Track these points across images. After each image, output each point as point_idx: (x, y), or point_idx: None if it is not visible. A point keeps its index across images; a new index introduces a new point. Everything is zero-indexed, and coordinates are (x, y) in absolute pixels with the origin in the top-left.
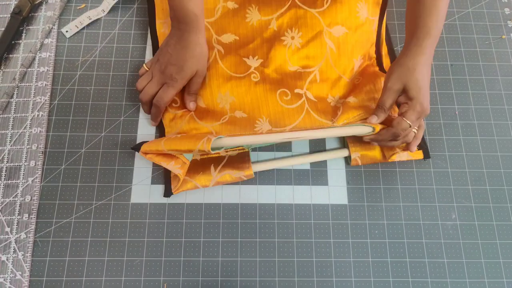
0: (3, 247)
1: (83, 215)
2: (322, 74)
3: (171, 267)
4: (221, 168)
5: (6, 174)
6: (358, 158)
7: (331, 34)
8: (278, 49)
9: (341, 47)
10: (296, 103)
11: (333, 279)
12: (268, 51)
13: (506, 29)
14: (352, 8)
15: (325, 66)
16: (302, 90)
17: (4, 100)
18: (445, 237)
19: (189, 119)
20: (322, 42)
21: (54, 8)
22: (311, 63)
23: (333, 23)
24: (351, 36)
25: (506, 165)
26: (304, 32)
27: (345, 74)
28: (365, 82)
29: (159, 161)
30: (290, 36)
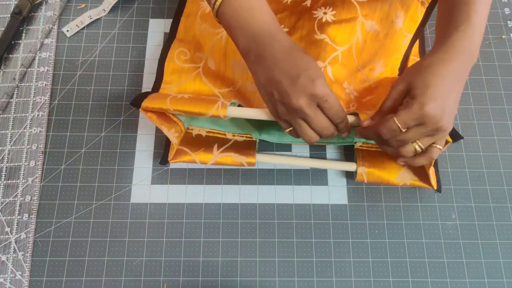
0: (3, 247)
1: (83, 215)
2: (343, 58)
3: (171, 267)
4: (225, 149)
5: (6, 174)
6: (365, 174)
7: (364, 25)
8: (307, 19)
9: (367, 43)
10: None
11: (333, 279)
12: (296, 21)
13: (506, 29)
14: (391, 12)
15: (348, 52)
16: (324, 63)
17: (4, 100)
18: (445, 237)
19: (195, 76)
20: (353, 28)
21: (54, 8)
22: (338, 39)
23: (369, 17)
24: (380, 39)
25: (506, 165)
26: (338, 11)
27: (363, 70)
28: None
29: (160, 124)
30: (322, 11)
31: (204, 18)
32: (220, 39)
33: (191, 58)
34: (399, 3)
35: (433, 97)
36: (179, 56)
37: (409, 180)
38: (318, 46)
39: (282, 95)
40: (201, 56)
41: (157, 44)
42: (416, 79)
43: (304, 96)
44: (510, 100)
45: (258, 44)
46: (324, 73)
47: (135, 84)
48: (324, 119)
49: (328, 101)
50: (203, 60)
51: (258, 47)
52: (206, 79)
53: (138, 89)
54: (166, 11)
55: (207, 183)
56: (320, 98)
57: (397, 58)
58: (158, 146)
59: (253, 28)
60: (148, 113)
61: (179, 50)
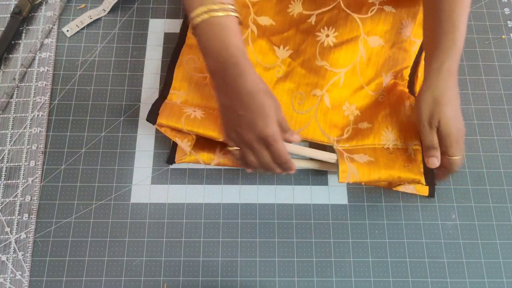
0: (3, 247)
1: (83, 215)
2: (346, 80)
3: (171, 267)
4: (226, 151)
5: (6, 174)
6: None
7: (367, 42)
8: (311, 42)
9: (372, 59)
10: (306, 109)
11: (333, 279)
12: (300, 43)
13: (506, 29)
14: (396, 23)
15: (351, 72)
16: (321, 92)
17: (4, 100)
18: (445, 237)
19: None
20: (355, 47)
21: (54, 8)
22: (340, 63)
23: (372, 33)
24: (386, 50)
25: (506, 165)
26: (340, 32)
27: (368, 86)
28: (387, 103)
29: (174, 137)
30: (325, 33)
31: None
32: None
33: (200, 66)
34: (404, 12)
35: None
36: (189, 63)
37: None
38: (317, 74)
39: (238, 125)
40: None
41: (157, 44)
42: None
43: (255, 134)
44: (510, 100)
45: (224, 72)
46: (320, 101)
47: (135, 84)
48: (267, 156)
49: (274, 146)
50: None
51: (224, 74)
52: (213, 91)
53: (138, 89)
54: (166, 11)
55: (207, 183)
56: (268, 142)
57: (408, 64)
58: (158, 146)
59: (223, 58)
60: (162, 129)
61: (188, 57)
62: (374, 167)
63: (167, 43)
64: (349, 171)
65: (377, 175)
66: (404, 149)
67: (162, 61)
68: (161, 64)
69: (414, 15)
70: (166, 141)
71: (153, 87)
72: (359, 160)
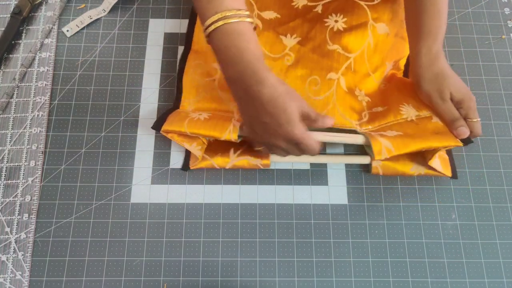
0: (3, 247)
1: (83, 215)
2: (356, 64)
3: (171, 267)
4: (240, 153)
5: (6, 174)
6: (380, 167)
7: (375, 29)
8: (319, 29)
9: (379, 46)
10: (324, 94)
11: (333, 279)
12: (308, 31)
13: (506, 29)
14: (401, 10)
15: (360, 58)
16: (337, 75)
17: (4, 100)
18: (445, 237)
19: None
20: (364, 33)
21: (54, 8)
22: (351, 47)
23: (379, 20)
24: (390, 39)
25: (506, 165)
26: (349, 18)
27: (374, 73)
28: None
29: (181, 142)
30: (333, 19)
31: None
32: None
33: (207, 70)
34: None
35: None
36: (196, 70)
37: (424, 170)
38: (330, 58)
39: (265, 132)
40: (217, 66)
41: (157, 44)
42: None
43: (284, 139)
44: (510, 100)
45: (244, 81)
46: (337, 85)
47: (135, 84)
48: (296, 151)
49: (303, 144)
50: (219, 71)
51: (244, 84)
52: (222, 93)
53: (138, 89)
54: (166, 11)
55: (207, 183)
56: (297, 141)
57: (404, 55)
58: (158, 146)
59: (240, 66)
60: (169, 134)
61: (195, 63)
62: (407, 139)
63: (167, 43)
64: (383, 146)
65: (413, 145)
66: (428, 117)
67: (162, 61)
68: (161, 64)
69: None
70: (166, 141)
71: (153, 87)
72: (390, 135)
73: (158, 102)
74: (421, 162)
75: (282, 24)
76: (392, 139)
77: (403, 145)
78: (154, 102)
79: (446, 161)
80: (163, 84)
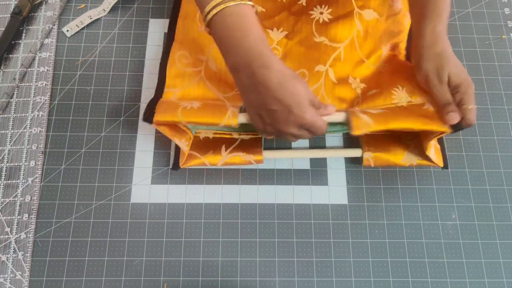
0: (3, 247)
1: (83, 215)
2: (346, 54)
3: (171, 267)
4: (232, 149)
5: (6, 174)
6: (371, 158)
7: (362, 16)
8: (305, 21)
9: (369, 31)
10: (312, 87)
11: (333, 279)
12: (294, 23)
13: (506, 29)
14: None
15: (350, 46)
16: (325, 67)
17: (4, 100)
18: (445, 237)
19: (199, 81)
20: (351, 22)
21: (54, 8)
22: (338, 37)
23: (365, 6)
24: (381, 23)
25: (506, 165)
26: (334, 9)
27: (368, 59)
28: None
29: (172, 136)
30: (318, 11)
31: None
32: None
33: (193, 61)
34: None
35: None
36: (181, 60)
37: (415, 161)
38: (318, 50)
39: (275, 120)
40: (202, 58)
41: (157, 44)
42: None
43: (296, 125)
44: (510, 100)
45: (250, 67)
46: (325, 77)
47: (135, 84)
48: (307, 134)
49: (315, 126)
50: (204, 62)
51: (250, 69)
52: (209, 83)
53: (138, 89)
54: (166, 11)
55: (207, 183)
56: (308, 125)
57: (403, 38)
58: (158, 146)
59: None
60: (161, 127)
61: (179, 53)
62: (389, 115)
63: None
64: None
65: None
66: (420, 105)
67: None
68: None
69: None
70: (166, 141)
71: (153, 87)
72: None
73: None
74: (413, 152)
75: (267, 18)
76: (373, 115)
77: (384, 121)
78: None
79: (438, 150)
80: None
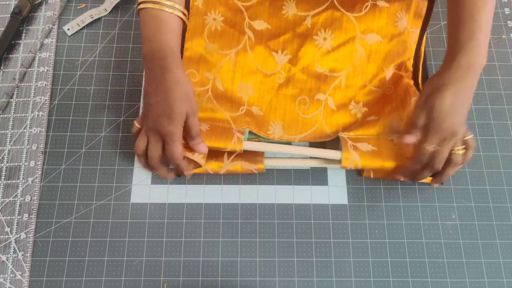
0: (3, 247)
1: (83, 215)
2: (348, 80)
3: (171, 267)
4: (234, 158)
5: (6, 174)
6: (371, 170)
7: (364, 41)
8: (309, 48)
9: (372, 55)
10: (312, 114)
11: (333, 279)
12: (298, 48)
13: (506, 29)
14: (391, 17)
15: (352, 72)
16: (324, 96)
17: (4, 100)
18: (445, 237)
19: (207, 100)
20: (353, 48)
21: (54, 8)
22: (339, 67)
23: (368, 30)
24: (384, 45)
25: (506, 165)
26: (337, 35)
27: (371, 83)
28: (394, 97)
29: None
30: (322, 37)
31: (212, 38)
32: (228, 61)
33: (200, 80)
34: (397, 6)
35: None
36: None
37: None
38: (318, 80)
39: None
40: (209, 76)
41: None
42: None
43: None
44: (510, 100)
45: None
46: (325, 105)
47: (135, 84)
48: (157, 151)
49: (170, 145)
50: (211, 81)
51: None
52: (217, 103)
53: (138, 89)
54: None
55: (207, 183)
56: (166, 138)
57: (410, 56)
58: None
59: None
60: None
61: (189, 72)
62: (376, 157)
63: None
64: (351, 158)
65: (379, 163)
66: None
67: None
68: None
69: (407, 6)
70: None
71: None
72: (362, 149)
73: None
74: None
75: (273, 37)
76: (362, 154)
77: (370, 161)
78: None
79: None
80: None
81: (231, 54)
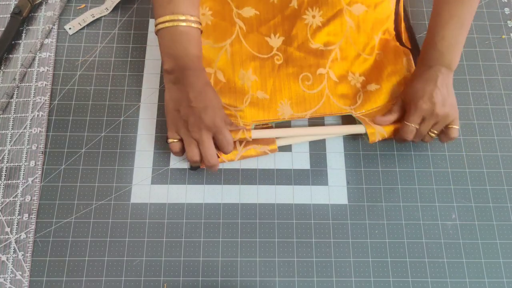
0: (3, 247)
1: (83, 215)
2: (342, 52)
3: (171, 267)
4: (246, 143)
5: (6, 174)
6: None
7: (351, 12)
8: (300, 27)
9: (361, 25)
10: (317, 88)
11: (333, 279)
12: (289, 29)
13: (506, 29)
14: None
15: (345, 44)
16: (325, 69)
17: (4, 100)
18: (445, 237)
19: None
20: (342, 20)
21: (54, 8)
22: (332, 40)
23: (353, 1)
24: (370, 14)
25: (506, 165)
26: (324, 10)
27: (364, 51)
28: (386, 61)
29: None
30: (311, 15)
31: (205, 34)
32: (225, 53)
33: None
34: None
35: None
36: None
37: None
38: (316, 56)
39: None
40: (210, 71)
41: (157, 45)
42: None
43: (205, 124)
44: (510, 100)
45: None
46: (328, 78)
47: (135, 84)
48: (212, 148)
49: (222, 134)
50: (212, 75)
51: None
52: (222, 98)
53: (138, 89)
54: None
55: (207, 183)
56: (215, 129)
57: (391, 21)
58: (158, 146)
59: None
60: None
61: None
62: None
63: None
64: (377, 131)
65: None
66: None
67: None
68: (161, 64)
69: None
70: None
71: (153, 87)
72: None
73: (158, 102)
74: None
75: (262, 23)
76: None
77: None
78: (154, 102)
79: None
80: (163, 84)
81: (226, 46)
